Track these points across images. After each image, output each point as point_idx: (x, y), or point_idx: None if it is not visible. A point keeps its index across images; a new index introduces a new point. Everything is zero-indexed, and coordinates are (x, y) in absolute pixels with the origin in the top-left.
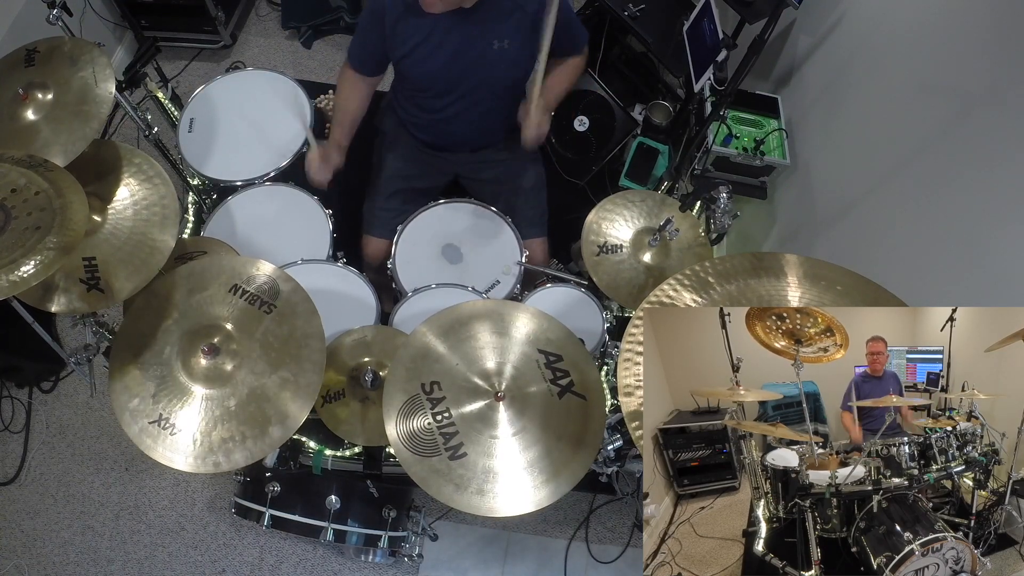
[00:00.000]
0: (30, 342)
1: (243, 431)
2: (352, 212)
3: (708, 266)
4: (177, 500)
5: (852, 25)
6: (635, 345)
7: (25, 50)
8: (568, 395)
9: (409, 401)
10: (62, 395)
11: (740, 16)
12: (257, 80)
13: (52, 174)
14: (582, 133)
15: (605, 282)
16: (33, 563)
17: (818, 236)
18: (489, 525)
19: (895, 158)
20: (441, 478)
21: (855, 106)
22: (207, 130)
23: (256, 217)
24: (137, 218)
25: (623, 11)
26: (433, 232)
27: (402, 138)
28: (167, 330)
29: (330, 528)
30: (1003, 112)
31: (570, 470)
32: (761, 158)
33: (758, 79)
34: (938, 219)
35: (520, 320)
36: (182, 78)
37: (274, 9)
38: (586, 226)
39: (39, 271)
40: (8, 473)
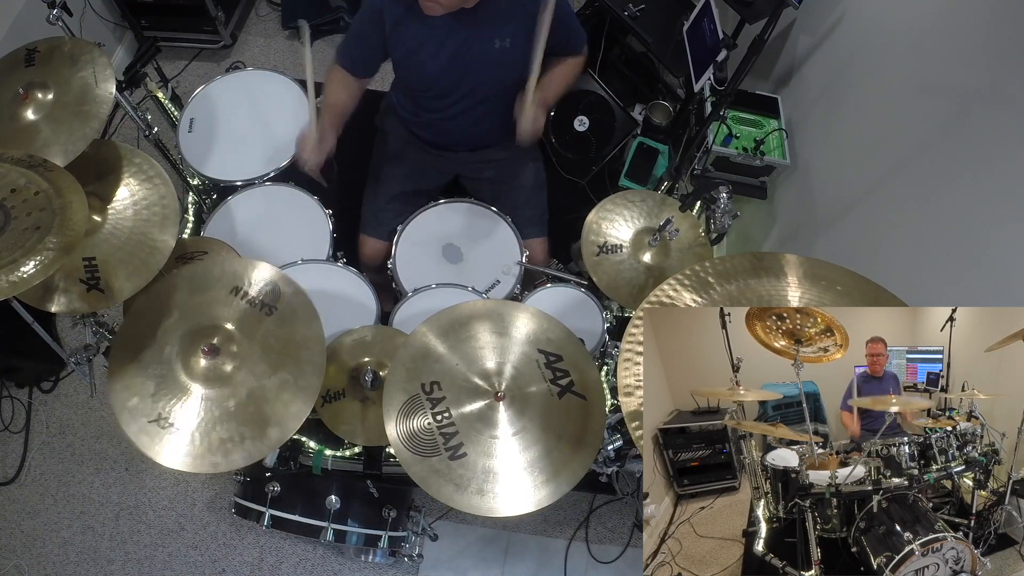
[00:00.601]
0: (30, 342)
1: (242, 432)
2: (352, 212)
3: (708, 266)
4: (177, 500)
5: (852, 25)
6: (635, 345)
7: (25, 50)
8: (568, 395)
9: (409, 401)
10: (62, 395)
11: (740, 16)
12: (257, 80)
13: (52, 174)
14: (582, 133)
15: (605, 282)
16: (33, 563)
17: (818, 236)
18: (489, 525)
19: (895, 158)
20: (441, 478)
21: (855, 106)
22: (207, 130)
23: (256, 217)
24: (137, 218)
25: (623, 11)
26: (433, 232)
27: (402, 138)
28: (167, 330)
29: (330, 528)
30: (1003, 112)
31: (570, 470)
32: (761, 158)
33: (758, 79)
34: (938, 219)
35: (520, 320)
36: (182, 78)
37: (274, 9)
38: (586, 226)
39: (39, 271)
40: (8, 473)
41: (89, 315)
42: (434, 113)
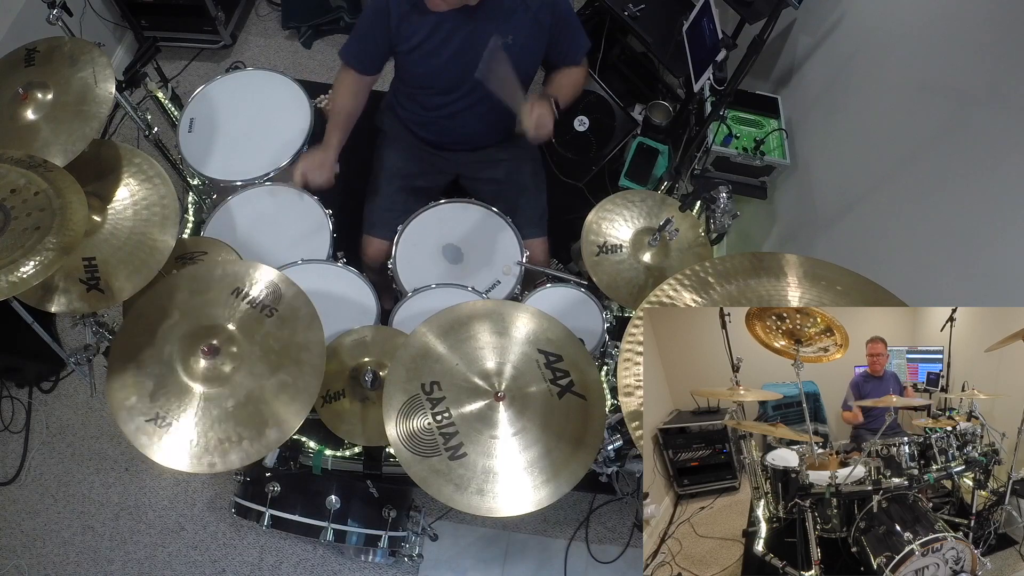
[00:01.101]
0: (30, 342)
1: (240, 432)
2: (352, 212)
3: (708, 266)
4: (177, 500)
5: (852, 25)
6: (635, 345)
7: (25, 50)
8: (568, 395)
9: (409, 401)
10: (62, 395)
11: (740, 16)
12: (257, 80)
13: (52, 174)
14: (582, 133)
15: (605, 282)
16: (33, 563)
17: (818, 236)
18: (489, 525)
19: (895, 158)
20: (441, 478)
21: (855, 106)
22: (207, 130)
23: (256, 217)
24: (137, 218)
25: (623, 11)
26: (433, 232)
27: (403, 137)
28: (167, 330)
29: (330, 528)
30: (1003, 112)
31: (570, 470)
32: (761, 158)
33: (758, 79)
34: (938, 219)
35: (520, 320)
36: (182, 78)
37: (274, 9)
38: (586, 226)
39: (39, 271)
40: (8, 473)
41: (89, 315)
42: (434, 111)
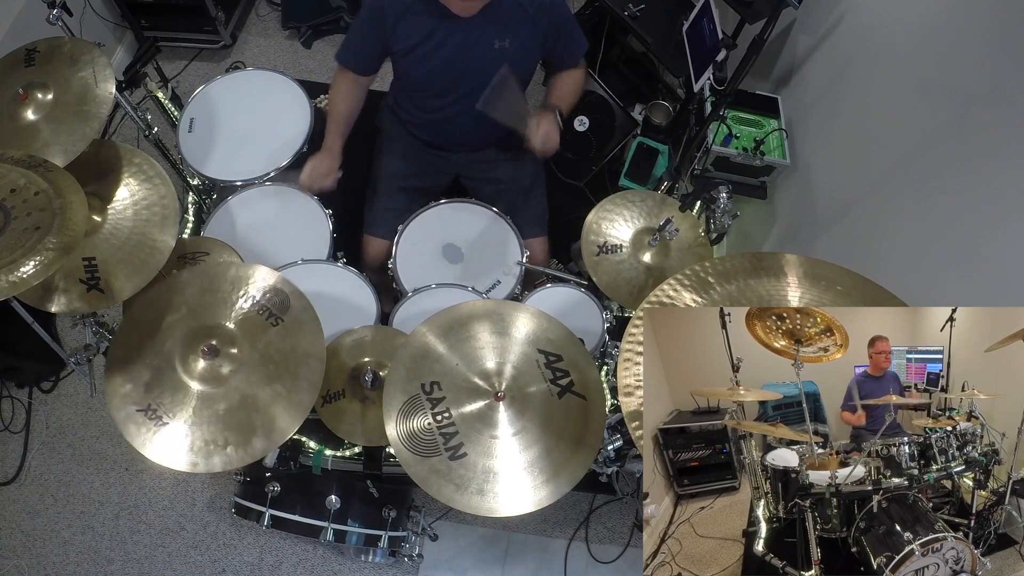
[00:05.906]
0: (30, 342)
1: (227, 436)
2: (352, 212)
3: (708, 266)
4: (177, 500)
5: (852, 25)
6: (635, 345)
7: (25, 50)
8: (568, 395)
9: (409, 401)
10: (62, 395)
11: (740, 16)
12: (257, 80)
13: (52, 174)
14: (582, 133)
15: (605, 282)
16: (33, 563)
17: (818, 236)
18: (489, 525)
19: (895, 158)
20: (441, 478)
21: (855, 106)
22: (207, 130)
23: (256, 217)
24: (137, 218)
25: (623, 11)
26: (434, 232)
27: (402, 138)
28: (168, 330)
29: (330, 528)
30: (1003, 112)
31: (570, 470)
32: (761, 158)
33: (758, 79)
34: (938, 219)
35: (520, 320)
36: (182, 78)
37: (274, 9)
38: (586, 226)
39: (39, 271)
40: (8, 473)
41: (89, 315)
42: (433, 113)
